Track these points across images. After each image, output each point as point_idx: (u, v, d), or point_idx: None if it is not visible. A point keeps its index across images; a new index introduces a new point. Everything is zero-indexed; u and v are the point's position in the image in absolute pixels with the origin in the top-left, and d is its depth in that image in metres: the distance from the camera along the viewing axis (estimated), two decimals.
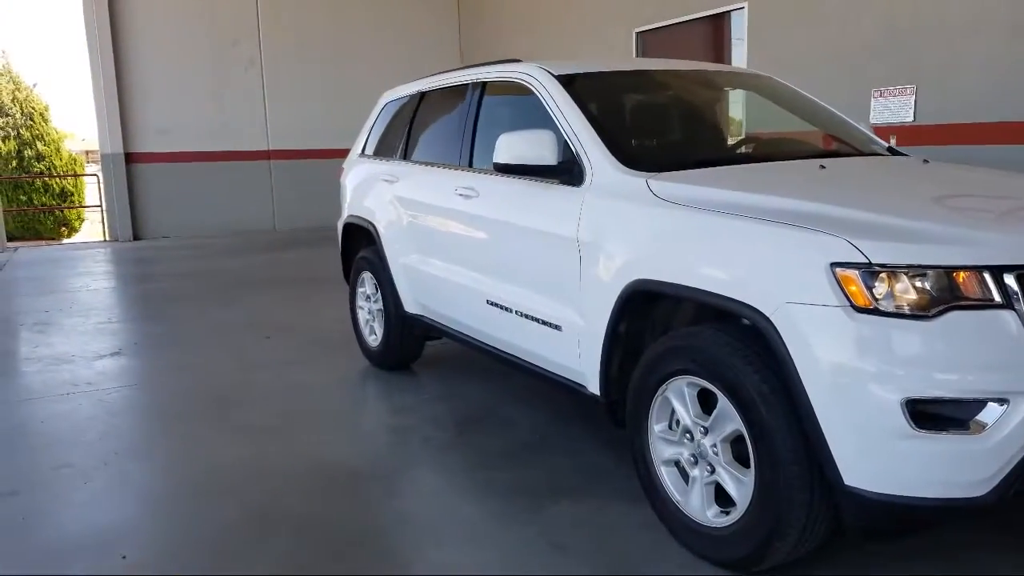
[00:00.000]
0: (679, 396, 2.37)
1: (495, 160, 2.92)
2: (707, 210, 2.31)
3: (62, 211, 13.83)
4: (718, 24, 8.23)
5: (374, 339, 4.45)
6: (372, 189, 4.31)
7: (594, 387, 2.74)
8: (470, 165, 3.51)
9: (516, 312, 3.09)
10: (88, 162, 19.68)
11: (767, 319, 2.03)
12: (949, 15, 5.93)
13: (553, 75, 3.13)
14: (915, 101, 6.36)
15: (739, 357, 2.14)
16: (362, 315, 4.57)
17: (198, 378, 4.39)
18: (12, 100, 13.72)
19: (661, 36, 8.84)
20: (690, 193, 2.44)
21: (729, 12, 8.07)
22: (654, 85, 3.47)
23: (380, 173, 4.27)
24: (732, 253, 2.18)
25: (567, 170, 2.82)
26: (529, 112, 3.15)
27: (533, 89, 3.15)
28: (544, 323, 2.93)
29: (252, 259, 9.11)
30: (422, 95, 4.13)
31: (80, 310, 6.36)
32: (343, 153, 5.18)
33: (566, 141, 2.88)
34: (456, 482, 2.95)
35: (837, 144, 3.33)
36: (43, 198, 13.72)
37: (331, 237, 10.65)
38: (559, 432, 3.42)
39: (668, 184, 2.52)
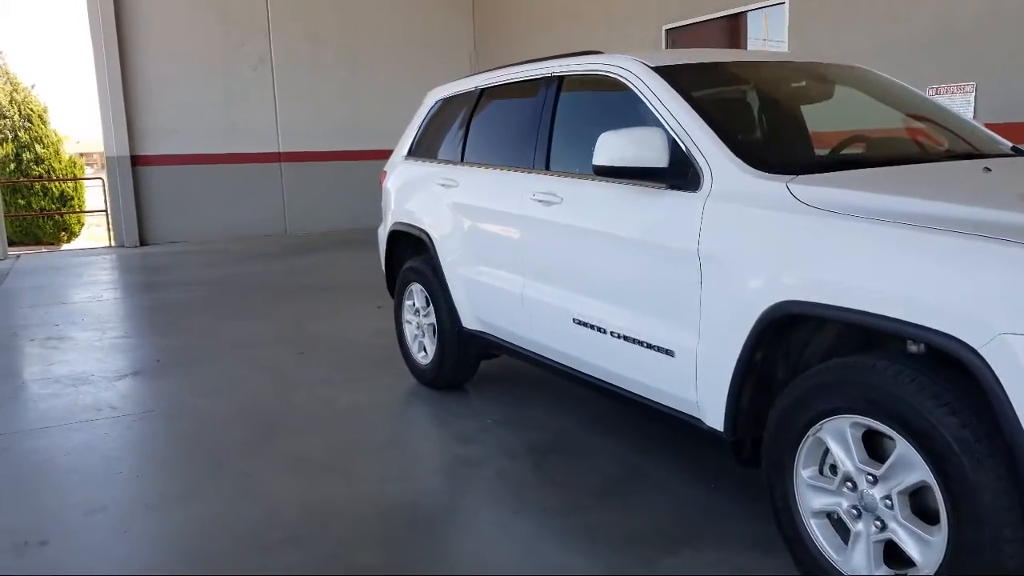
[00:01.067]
0: (839, 438, 2.02)
1: (595, 162, 2.57)
2: (877, 220, 1.96)
3: (62, 216, 13.42)
4: (749, 22, 7.92)
5: (424, 356, 4.09)
6: (424, 193, 3.95)
7: (714, 421, 2.39)
8: (547, 168, 3.16)
9: (612, 333, 2.74)
10: (85, 164, 19.24)
11: (976, 353, 1.69)
12: (1007, 8, 5.63)
13: (651, 67, 2.78)
14: (975, 98, 6.06)
15: (927, 396, 1.80)
16: (409, 330, 4.21)
17: (233, 400, 4.02)
18: (10, 102, 13.29)
19: (691, 33, 8.52)
20: (847, 199, 2.09)
21: (746, 11, 7.77)
22: (758, 78, 3.12)
23: (433, 176, 3.91)
24: (919, 273, 1.83)
25: (680, 173, 2.48)
26: (622, 109, 2.81)
27: (628, 84, 2.80)
28: (650, 347, 2.57)
29: (268, 265, 8.74)
30: (481, 92, 3.77)
31: (93, 323, 5.98)
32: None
33: (675, 140, 2.53)
34: (550, 528, 2.59)
35: (962, 143, 2.99)
36: (42, 202, 13.29)
37: (347, 241, 10.42)
38: (643, 462, 3.08)
39: (816, 188, 2.17)
